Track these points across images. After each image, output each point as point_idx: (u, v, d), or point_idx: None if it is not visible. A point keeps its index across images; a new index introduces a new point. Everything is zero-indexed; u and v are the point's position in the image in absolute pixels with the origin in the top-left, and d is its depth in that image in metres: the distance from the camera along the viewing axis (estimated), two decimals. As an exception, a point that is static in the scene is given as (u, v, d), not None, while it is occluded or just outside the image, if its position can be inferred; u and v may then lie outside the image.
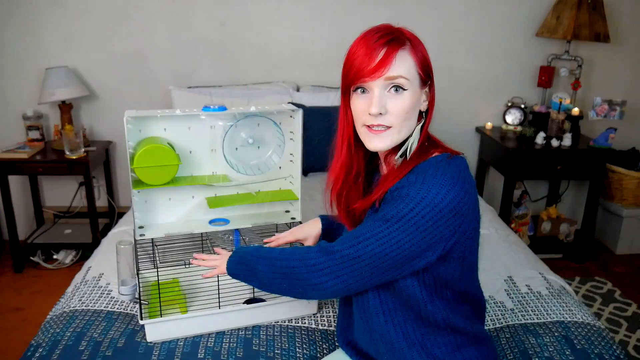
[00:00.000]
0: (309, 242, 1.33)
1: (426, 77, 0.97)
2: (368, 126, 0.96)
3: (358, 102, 0.97)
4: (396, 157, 0.99)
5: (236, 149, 1.45)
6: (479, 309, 1.08)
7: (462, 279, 1.00)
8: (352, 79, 0.95)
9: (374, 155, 1.08)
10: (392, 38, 0.93)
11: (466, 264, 0.98)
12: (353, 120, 1.01)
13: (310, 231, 1.33)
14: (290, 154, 1.51)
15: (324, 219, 1.32)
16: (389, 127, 0.95)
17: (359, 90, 0.96)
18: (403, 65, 0.93)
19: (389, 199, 0.93)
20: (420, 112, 1.00)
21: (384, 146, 0.96)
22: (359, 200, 1.05)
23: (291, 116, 1.46)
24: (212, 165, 1.48)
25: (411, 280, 0.96)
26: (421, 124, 1.00)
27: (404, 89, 0.93)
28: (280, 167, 1.53)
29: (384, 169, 1.06)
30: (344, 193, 1.08)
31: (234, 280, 1.36)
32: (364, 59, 0.92)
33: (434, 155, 0.96)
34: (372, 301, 1.02)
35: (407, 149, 0.98)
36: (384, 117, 0.94)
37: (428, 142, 1.01)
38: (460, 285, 1.00)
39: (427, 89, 0.99)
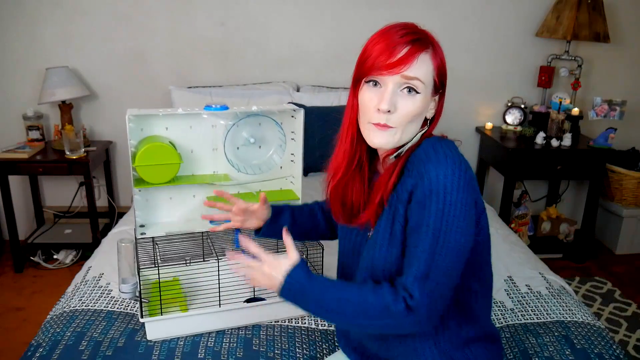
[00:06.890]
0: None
1: (440, 85, 0.96)
2: (374, 123, 0.94)
3: (367, 95, 0.94)
4: (391, 157, 0.98)
5: (237, 148, 1.45)
6: (489, 304, 1.08)
7: (486, 266, 1.02)
8: (367, 69, 0.92)
9: (376, 153, 1.05)
10: (417, 38, 0.91)
11: (486, 247, 1.01)
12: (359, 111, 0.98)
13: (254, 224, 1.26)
14: (292, 154, 1.51)
15: (270, 225, 1.25)
16: (392, 127, 0.93)
17: (371, 82, 0.94)
18: (422, 67, 0.91)
19: (414, 207, 0.90)
20: (426, 120, 0.99)
21: (384, 143, 0.94)
22: (358, 193, 1.04)
23: (293, 116, 1.46)
24: (214, 164, 1.48)
25: None
26: (423, 130, 0.98)
27: (417, 92, 0.91)
28: (281, 167, 1.53)
29: (381, 170, 1.04)
30: (343, 184, 1.04)
31: (235, 280, 1.36)
32: (384, 52, 0.90)
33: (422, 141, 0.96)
34: None
35: (402, 151, 0.97)
36: (391, 115, 0.92)
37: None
38: (484, 275, 1.03)
39: (437, 97, 0.97)
